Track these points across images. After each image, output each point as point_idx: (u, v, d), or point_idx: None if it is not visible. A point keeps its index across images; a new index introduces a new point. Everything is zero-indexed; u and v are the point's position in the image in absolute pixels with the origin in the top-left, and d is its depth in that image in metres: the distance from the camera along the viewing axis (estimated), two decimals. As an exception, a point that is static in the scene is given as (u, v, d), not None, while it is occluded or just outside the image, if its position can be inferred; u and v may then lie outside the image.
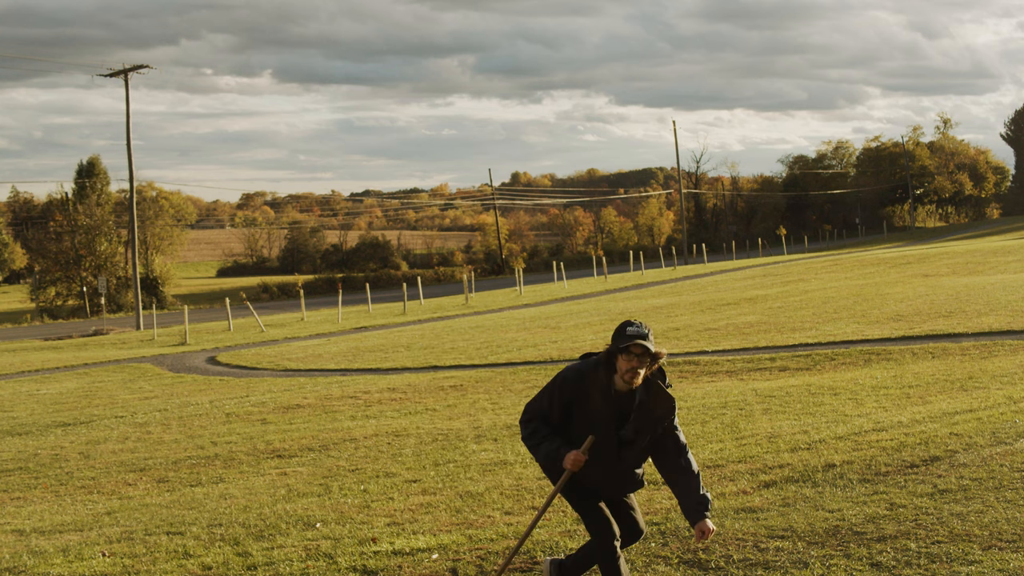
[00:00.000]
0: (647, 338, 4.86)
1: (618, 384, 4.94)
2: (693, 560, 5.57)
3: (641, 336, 4.84)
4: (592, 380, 4.98)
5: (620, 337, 4.88)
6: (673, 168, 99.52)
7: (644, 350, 4.85)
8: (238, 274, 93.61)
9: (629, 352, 4.84)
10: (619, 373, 4.89)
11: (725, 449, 8.51)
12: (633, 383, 4.87)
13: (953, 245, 52.43)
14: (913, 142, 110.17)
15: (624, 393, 4.95)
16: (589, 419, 4.98)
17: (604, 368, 4.96)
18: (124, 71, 42.36)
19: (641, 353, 4.84)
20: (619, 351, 4.87)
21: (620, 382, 4.93)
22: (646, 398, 4.96)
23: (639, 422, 4.96)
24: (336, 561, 6.12)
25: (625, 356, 4.85)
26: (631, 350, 4.84)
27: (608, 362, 4.95)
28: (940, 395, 10.33)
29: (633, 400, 4.96)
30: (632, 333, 4.85)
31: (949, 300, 20.63)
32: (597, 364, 4.99)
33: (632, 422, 4.96)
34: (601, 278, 50.58)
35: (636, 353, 4.83)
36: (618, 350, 4.87)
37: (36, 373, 23.97)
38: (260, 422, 13.23)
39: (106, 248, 57.68)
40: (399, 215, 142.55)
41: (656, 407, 4.97)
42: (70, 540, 7.37)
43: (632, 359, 4.84)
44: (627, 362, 4.85)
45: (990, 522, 5.65)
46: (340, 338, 27.54)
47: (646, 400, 4.96)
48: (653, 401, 4.97)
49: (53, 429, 14.05)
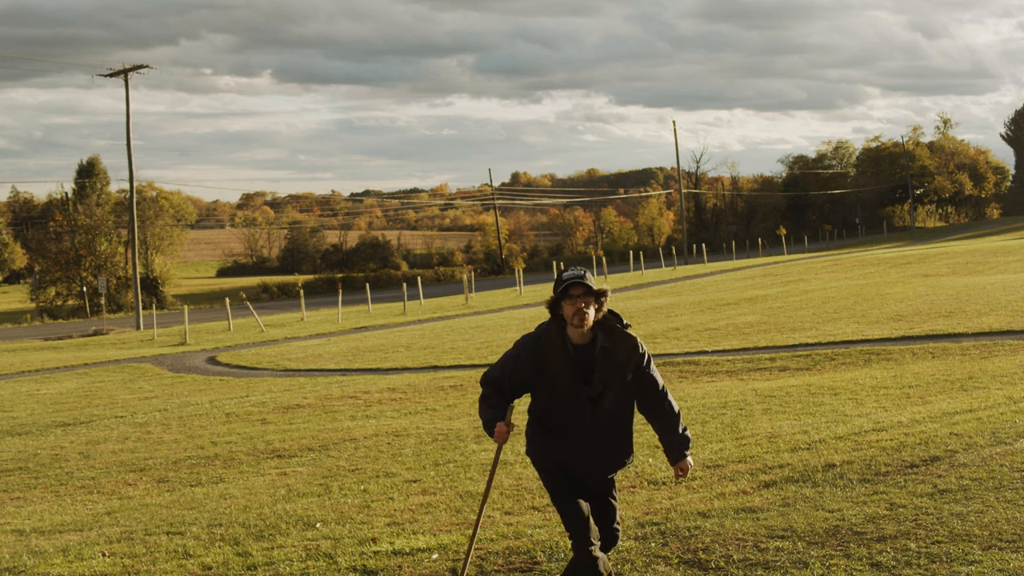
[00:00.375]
0: (584, 277, 4.79)
1: (573, 336, 4.85)
2: (693, 560, 5.57)
3: (577, 277, 4.78)
4: (547, 342, 4.88)
5: (557, 284, 4.83)
6: (673, 168, 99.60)
7: (584, 289, 4.77)
8: (238, 274, 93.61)
9: (569, 296, 4.78)
10: (568, 322, 4.80)
11: (725, 449, 8.51)
12: (584, 325, 4.78)
13: (953, 245, 52.43)
14: (913, 142, 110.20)
15: (584, 345, 4.86)
16: (554, 383, 4.88)
17: (554, 325, 4.88)
18: (124, 71, 42.37)
19: (582, 293, 4.77)
20: (560, 299, 4.81)
21: (574, 333, 4.84)
22: (607, 344, 4.86)
23: (605, 371, 4.85)
24: (336, 561, 6.12)
25: (567, 301, 4.79)
26: (570, 293, 4.77)
27: (556, 316, 4.88)
28: (940, 395, 10.33)
29: (595, 349, 4.86)
30: (568, 276, 4.80)
31: (949, 300, 20.64)
32: (548, 325, 4.92)
33: (598, 372, 4.84)
34: (601, 278, 50.57)
35: (576, 295, 4.76)
36: (559, 298, 4.81)
37: (36, 373, 23.97)
38: (260, 422, 13.23)
39: (106, 248, 57.70)
40: (399, 215, 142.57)
41: (619, 350, 4.87)
42: (70, 540, 7.37)
43: (575, 301, 4.77)
44: (571, 306, 4.78)
45: (990, 522, 5.65)
46: (340, 338, 27.54)
47: (608, 346, 4.86)
48: (615, 345, 4.87)
49: (53, 429, 14.05)
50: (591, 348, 4.86)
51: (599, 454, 4.99)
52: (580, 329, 4.81)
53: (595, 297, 4.82)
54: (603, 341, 4.85)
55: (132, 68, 42.29)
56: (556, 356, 4.85)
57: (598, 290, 4.82)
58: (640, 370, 4.97)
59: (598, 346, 4.85)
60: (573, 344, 4.85)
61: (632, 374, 4.94)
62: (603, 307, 4.85)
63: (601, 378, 4.85)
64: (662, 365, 15.48)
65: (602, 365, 4.85)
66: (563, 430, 4.95)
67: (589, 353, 4.86)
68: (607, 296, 4.85)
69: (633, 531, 6.18)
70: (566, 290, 4.79)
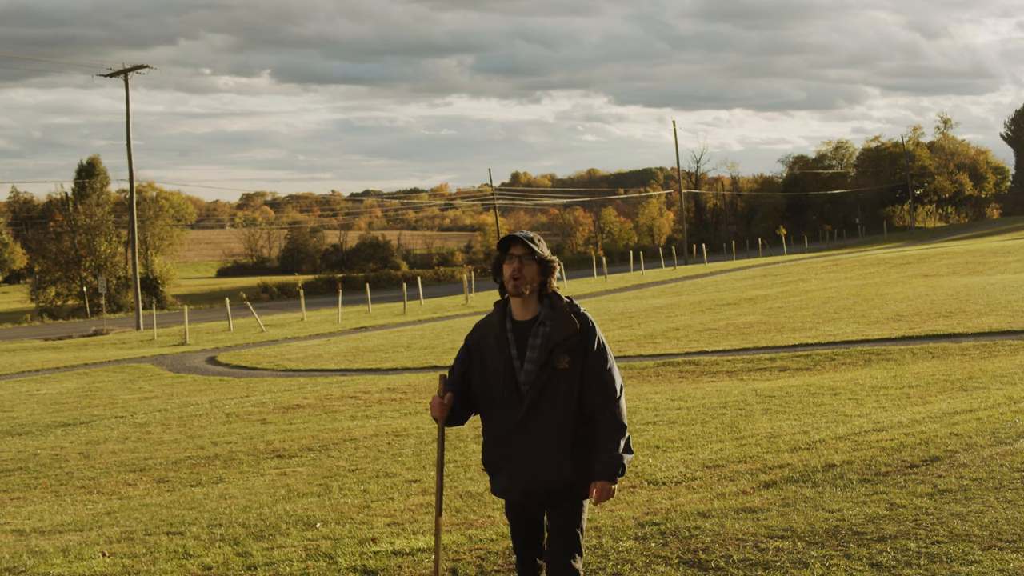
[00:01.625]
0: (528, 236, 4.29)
1: (514, 309, 4.32)
2: (693, 560, 5.57)
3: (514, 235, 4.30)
4: (488, 321, 4.38)
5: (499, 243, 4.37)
6: (673, 168, 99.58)
7: (524, 248, 4.25)
8: (238, 274, 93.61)
9: (509, 255, 4.27)
10: (507, 285, 4.28)
11: (725, 449, 8.51)
12: (521, 290, 4.22)
13: (953, 245, 52.42)
14: (913, 142, 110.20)
15: (524, 321, 4.29)
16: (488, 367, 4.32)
17: (502, 301, 4.39)
18: (124, 71, 42.36)
19: (522, 253, 4.24)
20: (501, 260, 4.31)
21: (514, 303, 4.32)
22: (548, 316, 4.27)
23: (540, 349, 4.21)
24: (336, 561, 6.12)
25: (506, 262, 4.28)
26: (510, 252, 4.27)
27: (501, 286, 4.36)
28: (940, 395, 10.33)
29: (534, 323, 4.29)
30: (508, 235, 4.32)
31: (949, 300, 20.63)
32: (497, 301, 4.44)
33: (531, 348, 4.23)
34: (601, 278, 50.57)
35: (516, 254, 4.24)
36: (500, 259, 4.32)
37: (36, 373, 23.97)
38: (260, 422, 13.23)
39: (106, 248, 57.70)
40: (399, 215, 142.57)
41: (562, 328, 4.22)
42: (70, 540, 7.37)
43: (513, 261, 4.24)
44: (508, 267, 4.26)
45: (990, 522, 5.65)
46: (340, 338, 27.53)
47: (548, 318, 4.27)
48: (558, 322, 4.24)
49: (53, 429, 14.04)
50: (532, 323, 4.29)
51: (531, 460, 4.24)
52: (517, 296, 4.26)
53: (537, 261, 4.27)
54: (545, 314, 4.28)
55: (132, 68, 42.28)
56: (492, 332, 4.33)
57: (543, 257, 4.28)
58: (587, 358, 4.24)
59: (539, 320, 4.29)
60: (513, 319, 4.32)
61: (578, 361, 4.23)
62: (551, 278, 4.31)
63: (533, 358, 4.23)
64: (662, 365, 15.46)
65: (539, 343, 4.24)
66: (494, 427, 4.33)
67: (529, 329, 4.28)
68: (554, 265, 4.31)
69: (633, 531, 6.18)
70: (505, 248, 4.29)
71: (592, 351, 4.26)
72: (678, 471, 7.79)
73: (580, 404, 4.25)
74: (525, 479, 4.25)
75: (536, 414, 4.22)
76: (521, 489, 4.29)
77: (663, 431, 9.71)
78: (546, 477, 4.23)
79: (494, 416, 4.31)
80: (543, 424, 4.22)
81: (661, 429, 9.85)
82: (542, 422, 4.22)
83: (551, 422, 4.22)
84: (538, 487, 4.26)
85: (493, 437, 4.33)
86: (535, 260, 4.28)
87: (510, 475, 4.29)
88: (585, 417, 4.25)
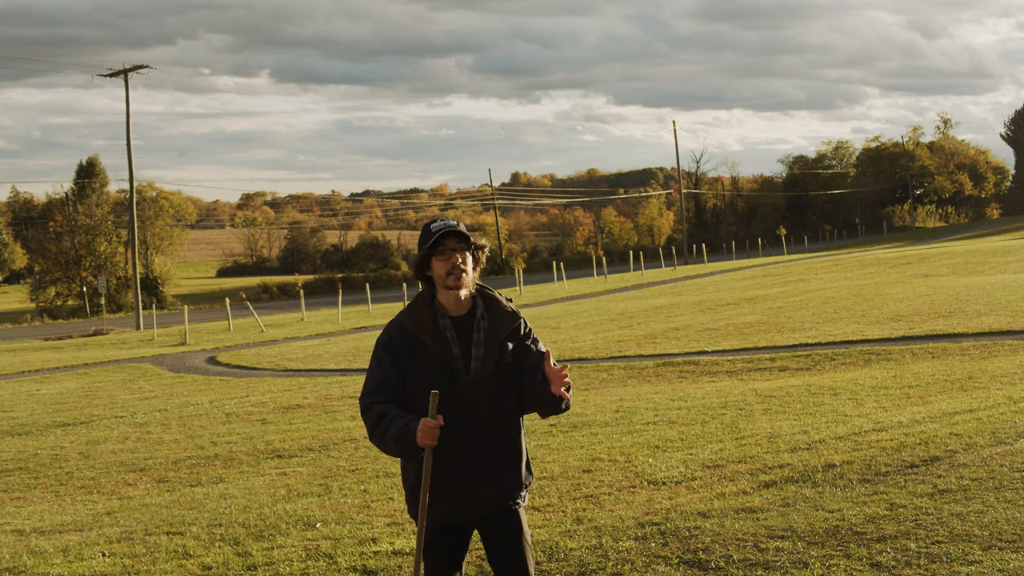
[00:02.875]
0: (458, 226, 3.90)
1: (447, 305, 3.93)
2: (693, 560, 5.57)
3: (450, 227, 3.88)
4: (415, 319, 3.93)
5: (425, 237, 3.91)
6: (673, 168, 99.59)
7: (459, 241, 3.88)
8: (238, 274, 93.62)
9: (443, 249, 3.88)
10: (441, 283, 3.89)
11: (725, 449, 8.51)
12: (461, 286, 3.87)
13: (953, 245, 52.42)
14: (913, 142, 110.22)
15: (461, 317, 3.93)
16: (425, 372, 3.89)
17: (423, 293, 3.98)
18: (124, 71, 42.37)
19: (457, 247, 3.88)
20: (429, 255, 3.91)
21: (448, 299, 3.92)
22: (487, 312, 3.96)
23: (486, 345, 3.91)
24: (336, 561, 6.12)
25: (439, 257, 3.88)
26: (444, 244, 3.87)
27: (426, 282, 3.97)
28: (940, 395, 10.33)
29: (473, 319, 3.94)
30: (438, 227, 3.89)
31: (949, 300, 20.63)
32: (414, 299, 4.02)
33: (476, 345, 3.91)
34: (601, 278, 50.57)
35: (451, 248, 3.87)
36: (427, 254, 3.91)
37: (36, 373, 23.96)
38: (260, 422, 13.23)
39: (106, 248, 57.72)
40: (399, 215, 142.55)
41: (501, 322, 3.95)
42: (70, 540, 7.37)
43: (449, 256, 3.87)
44: (444, 263, 3.87)
45: (990, 522, 5.65)
46: (340, 338, 27.53)
47: (487, 310, 3.97)
48: (496, 316, 3.96)
49: (53, 429, 14.04)
50: (470, 319, 3.94)
51: (482, 467, 3.90)
52: (456, 292, 3.89)
53: (472, 251, 3.94)
54: (482, 309, 3.96)
55: (132, 68, 42.29)
56: (426, 333, 3.89)
57: (475, 243, 3.94)
58: (522, 345, 4.01)
59: (478, 315, 3.95)
60: (448, 316, 3.93)
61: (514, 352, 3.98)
62: (479, 265, 3.97)
63: (481, 355, 3.90)
64: (662, 365, 15.47)
65: (484, 338, 3.92)
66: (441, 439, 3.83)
67: (467, 325, 3.93)
68: (486, 250, 3.98)
69: (633, 531, 6.18)
70: (436, 243, 3.88)
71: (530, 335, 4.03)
72: (678, 471, 7.79)
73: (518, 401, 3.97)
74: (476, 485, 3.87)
75: (492, 416, 3.90)
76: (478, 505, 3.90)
77: (663, 431, 9.71)
78: (500, 485, 3.92)
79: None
80: (500, 426, 3.92)
81: (661, 429, 9.85)
82: (499, 424, 3.92)
83: (506, 423, 3.94)
84: (497, 498, 3.92)
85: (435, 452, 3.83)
86: (471, 251, 3.93)
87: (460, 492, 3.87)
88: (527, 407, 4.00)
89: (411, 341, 3.92)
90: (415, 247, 4.04)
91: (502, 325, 3.96)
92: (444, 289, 3.91)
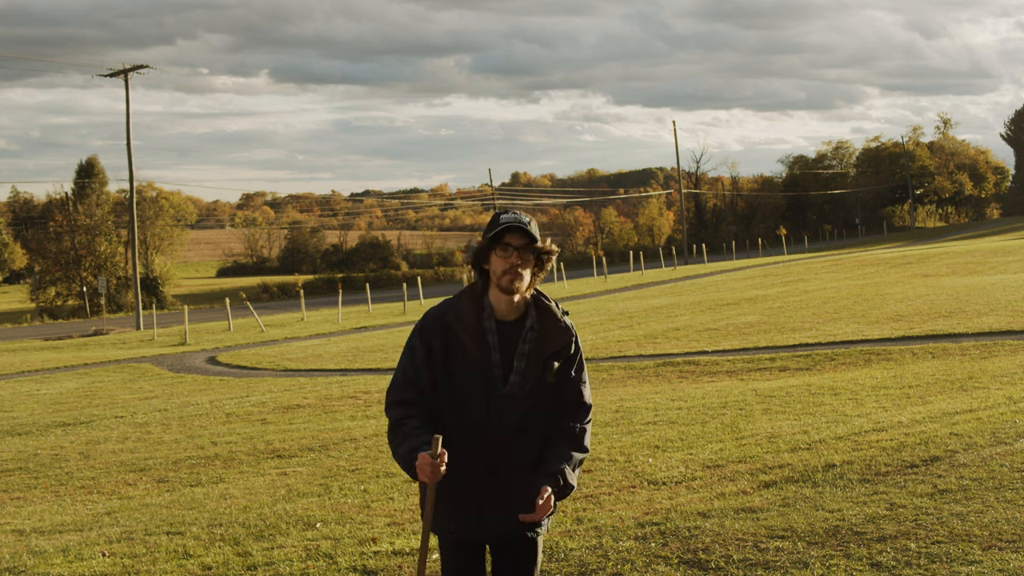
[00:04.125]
0: (528, 225, 3.54)
1: (497, 307, 3.58)
2: (693, 560, 5.57)
3: (518, 222, 3.53)
4: (458, 315, 3.59)
5: (491, 227, 3.57)
6: (673, 168, 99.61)
7: (525, 239, 3.53)
8: (238, 274, 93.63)
9: (504, 245, 3.52)
10: (495, 281, 3.55)
11: (725, 449, 8.51)
12: (516, 290, 3.52)
13: (953, 245, 52.43)
14: (913, 142, 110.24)
15: (509, 322, 3.59)
16: (456, 373, 3.56)
17: (474, 288, 3.63)
18: (124, 71, 42.36)
19: (521, 245, 3.52)
20: (491, 245, 3.55)
21: (499, 302, 3.58)
22: (539, 325, 3.60)
23: (529, 358, 3.56)
24: (336, 561, 6.12)
25: (500, 252, 3.53)
26: (507, 241, 3.52)
27: (480, 275, 3.62)
28: (940, 395, 10.33)
29: (522, 327, 3.59)
30: (507, 220, 3.54)
31: (949, 300, 20.63)
32: (463, 290, 3.68)
33: (519, 357, 3.55)
34: (601, 278, 50.58)
35: (514, 245, 3.52)
36: (489, 244, 3.56)
37: (36, 373, 23.96)
38: (260, 422, 13.23)
39: (106, 248, 57.74)
40: (399, 215, 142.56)
41: (551, 337, 3.60)
42: (70, 540, 7.37)
43: (510, 254, 3.51)
44: (503, 260, 3.52)
45: (990, 522, 5.65)
46: (340, 338, 27.53)
47: (539, 328, 3.60)
48: (547, 329, 3.60)
49: (53, 429, 14.04)
50: (518, 326, 3.59)
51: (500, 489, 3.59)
52: (509, 296, 3.55)
53: (536, 255, 3.57)
54: (533, 319, 3.60)
55: (132, 68, 42.28)
56: (467, 332, 3.56)
57: (543, 247, 3.57)
58: (567, 372, 3.66)
59: (527, 324, 3.59)
60: (495, 318, 3.58)
61: (558, 375, 3.64)
62: (542, 272, 3.62)
63: (523, 367, 3.56)
64: (662, 365, 15.46)
65: (527, 350, 3.57)
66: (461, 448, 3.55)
67: (514, 333, 3.58)
68: (552, 258, 3.60)
69: (633, 531, 6.18)
70: (500, 236, 3.53)
71: (578, 357, 3.70)
72: (678, 471, 7.79)
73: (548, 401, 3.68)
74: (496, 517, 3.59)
75: (516, 437, 3.59)
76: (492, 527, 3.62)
77: (663, 431, 9.71)
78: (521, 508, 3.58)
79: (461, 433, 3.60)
80: (523, 447, 3.61)
81: (661, 429, 9.85)
82: (522, 445, 3.61)
83: (528, 455, 3.63)
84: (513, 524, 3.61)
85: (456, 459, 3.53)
86: (533, 252, 3.57)
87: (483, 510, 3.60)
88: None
89: (448, 335, 3.57)
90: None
91: (551, 341, 3.60)
92: (497, 288, 3.57)
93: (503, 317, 3.59)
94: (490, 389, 3.55)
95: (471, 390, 3.55)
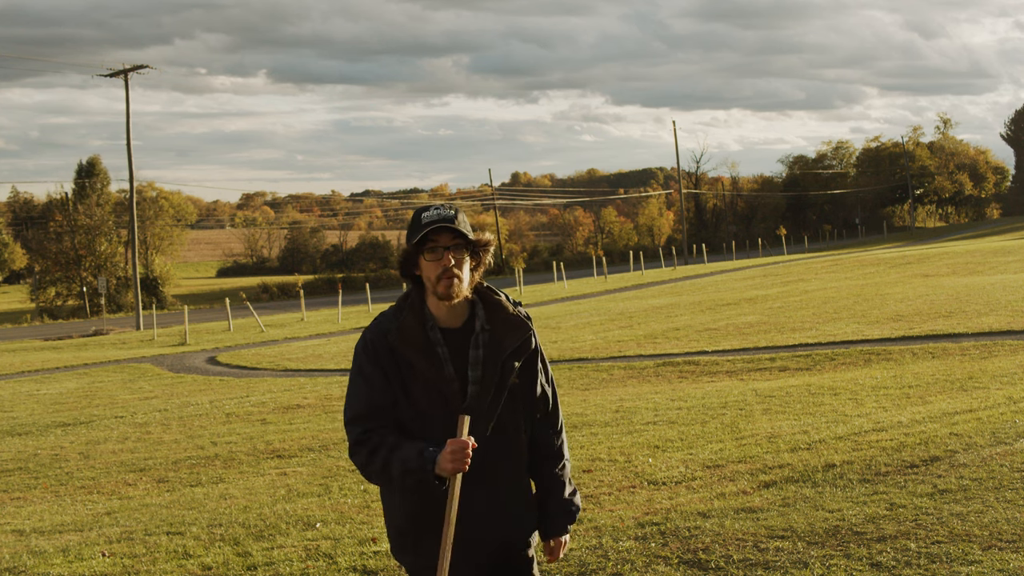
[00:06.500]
0: (455, 220, 3.14)
1: (438, 314, 3.22)
2: (693, 560, 5.57)
3: (445, 219, 3.13)
4: (399, 329, 3.20)
5: (414, 228, 3.16)
6: (672, 168, 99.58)
7: (454, 236, 3.15)
8: (238, 274, 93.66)
9: (432, 247, 3.14)
10: (431, 288, 3.18)
11: (725, 449, 8.51)
12: (453, 295, 3.15)
13: (953, 245, 52.43)
14: (913, 142, 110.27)
15: (455, 329, 3.23)
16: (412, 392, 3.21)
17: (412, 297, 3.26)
18: (124, 71, 42.36)
19: (452, 244, 3.15)
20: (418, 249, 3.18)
21: (439, 309, 3.21)
22: (489, 325, 3.25)
23: (485, 364, 3.20)
24: (336, 561, 6.12)
25: (429, 255, 3.15)
26: (434, 241, 3.14)
27: (414, 282, 3.25)
28: (940, 395, 10.33)
29: (471, 331, 3.23)
30: (429, 218, 3.13)
31: (949, 300, 20.63)
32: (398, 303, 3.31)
33: (473, 366, 3.20)
34: (601, 278, 50.57)
35: (443, 245, 3.14)
36: (415, 250, 3.18)
37: (36, 373, 23.96)
38: (260, 422, 13.23)
39: (106, 248, 57.76)
40: (399, 215, 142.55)
41: (506, 335, 3.24)
42: (70, 540, 7.37)
43: (440, 256, 3.14)
44: (435, 264, 3.14)
45: (990, 522, 5.65)
46: (340, 338, 27.53)
47: (490, 328, 3.24)
48: (500, 327, 3.25)
49: (53, 429, 14.04)
50: (466, 331, 3.24)
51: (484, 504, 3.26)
52: (448, 302, 3.18)
53: (471, 249, 3.21)
54: (483, 320, 3.25)
55: (132, 68, 42.28)
56: (413, 349, 3.17)
57: (477, 239, 3.21)
58: (531, 371, 3.34)
59: (477, 327, 3.24)
60: (439, 327, 3.22)
61: (521, 375, 3.30)
62: (481, 267, 3.26)
63: (479, 377, 3.21)
64: (662, 365, 15.46)
65: (483, 356, 3.22)
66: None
67: (463, 339, 3.23)
68: (489, 248, 3.25)
69: (633, 531, 6.18)
70: (426, 238, 3.15)
71: (535, 359, 3.35)
72: (678, 471, 7.79)
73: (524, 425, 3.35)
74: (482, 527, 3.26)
75: (493, 445, 3.23)
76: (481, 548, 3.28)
77: (663, 431, 9.71)
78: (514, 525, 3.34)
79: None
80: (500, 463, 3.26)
81: (661, 429, 9.85)
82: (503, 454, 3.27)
83: (509, 459, 3.30)
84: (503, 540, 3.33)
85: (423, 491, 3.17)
86: (467, 248, 3.20)
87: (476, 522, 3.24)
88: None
89: (401, 354, 3.19)
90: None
91: (507, 338, 3.24)
92: (432, 296, 3.22)
93: (448, 325, 3.23)
94: (451, 405, 3.20)
95: (431, 408, 3.21)
